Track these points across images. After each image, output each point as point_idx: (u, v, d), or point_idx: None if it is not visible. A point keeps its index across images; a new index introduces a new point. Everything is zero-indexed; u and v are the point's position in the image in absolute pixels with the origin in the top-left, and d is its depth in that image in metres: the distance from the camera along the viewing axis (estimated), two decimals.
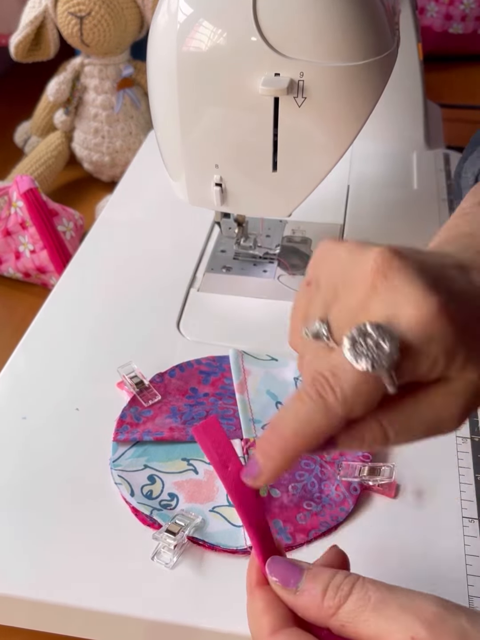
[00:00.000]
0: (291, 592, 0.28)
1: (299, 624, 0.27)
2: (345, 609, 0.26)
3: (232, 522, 0.38)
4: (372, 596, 0.26)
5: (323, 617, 0.27)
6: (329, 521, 0.38)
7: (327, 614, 0.27)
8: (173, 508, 0.38)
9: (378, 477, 0.39)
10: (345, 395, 0.26)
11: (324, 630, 0.27)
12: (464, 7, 1.06)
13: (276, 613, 0.28)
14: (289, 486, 0.40)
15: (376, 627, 0.26)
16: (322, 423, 0.26)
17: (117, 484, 0.39)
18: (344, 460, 0.41)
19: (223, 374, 0.47)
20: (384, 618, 0.26)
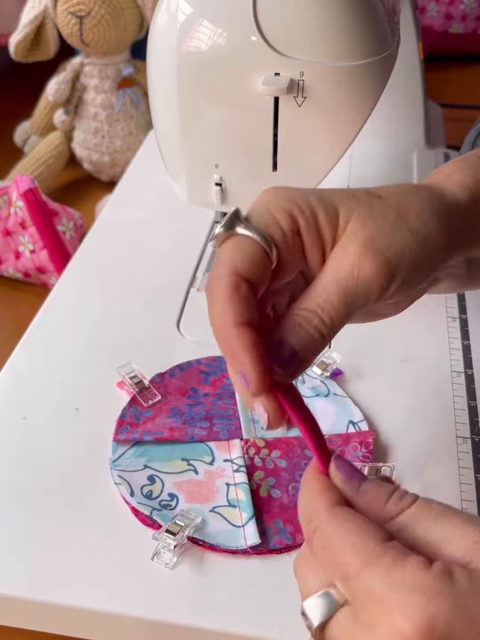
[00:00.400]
0: (354, 487, 0.28)
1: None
2: (407, 513, 0.27)
3: (232, 522, 0.38)
4: (435, 507, 0.27)
5: (382, 518, 0.27)
6: None
7: (387, 516, 0.27)
8: (173, 508, 0.38)
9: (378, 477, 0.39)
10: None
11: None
12: (464, 6, 1.06)
13: (334, 493, 0.28)
14: (289, 486, 0.39)
15: (437, 533, 0.26)
16: None
17: (117, 484, 0.39)
18: None
19: (223, 374, 0.46)
20: (447, 526, 0.26)
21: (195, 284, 0.55)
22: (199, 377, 0.46)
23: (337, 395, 0.45)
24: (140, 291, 0.54)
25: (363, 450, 0.41)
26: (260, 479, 0.40)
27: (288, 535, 0.37)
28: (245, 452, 0.41)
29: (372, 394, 0.45)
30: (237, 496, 0.39)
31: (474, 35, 1.09)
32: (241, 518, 0.38)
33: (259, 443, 0.42)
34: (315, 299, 0.30)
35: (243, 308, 0.30)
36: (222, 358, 0.47)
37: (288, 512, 0.38)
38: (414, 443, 0.42)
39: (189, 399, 0.45)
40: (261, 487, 0.40)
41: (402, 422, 0.43)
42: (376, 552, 0.25)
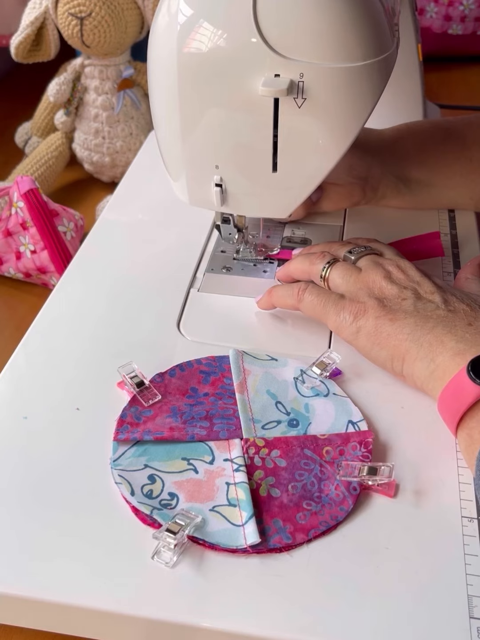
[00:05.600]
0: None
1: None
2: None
3: (232, 522, 0.38)
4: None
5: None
6: (329, 520, 0.38)
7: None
8: (173, 507, 0.39)
9: (377, 477, 0.39)
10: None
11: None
12: (464, 8, 1.06)
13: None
14: (289, 486, 0.40)
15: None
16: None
17: (117, 483, 0.40)
18: (344, 460, 0.41)
19: (223, 373, 0.47)
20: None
21: (195, 284, 0.55)
22: (199, 377, 0.46)
23: (337, 395, 0.45)
24: (141, 291, 0.54)
25: (362, 450, 0.41)
26: (260, 479, 0.40)
27: (287, 534, 0.37)
28: (245, 452, 0.41)
29: (372, 393, 0.45)
30: (237, 495, 0.39)
31: (473, 36, 1.09)
32: (241, 517, 0.38)
33: (259, 442, 0.42)
34: None
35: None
36: (222, 358, 0.48)
37: (288, 512, 0.38)
38: (413, 443, 0.42)
39: (189, 398, 0.45)
40: (261, 486, 0.40)
41: (401, 421, 0.43)
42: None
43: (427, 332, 0.42)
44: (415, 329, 0.42)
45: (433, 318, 0.42)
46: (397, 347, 0.43)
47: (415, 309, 0.43)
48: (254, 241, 0.57)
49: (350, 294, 0.46)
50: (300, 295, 0.48)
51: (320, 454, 0.41)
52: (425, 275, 0.46)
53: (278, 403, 0.45)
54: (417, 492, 0.40)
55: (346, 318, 0.45)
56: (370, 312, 0.44)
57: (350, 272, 0.47)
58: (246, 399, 0.45)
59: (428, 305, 0.44)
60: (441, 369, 0.41)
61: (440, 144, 0.62)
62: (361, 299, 0.45)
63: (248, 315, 0.52)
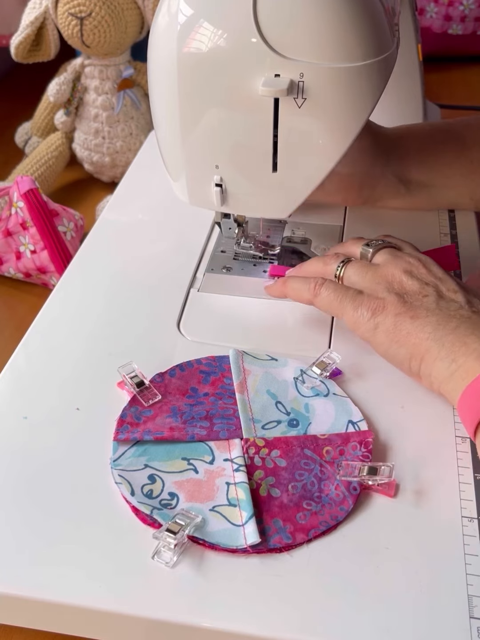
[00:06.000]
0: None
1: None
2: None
3: (232, 522, 0.38)
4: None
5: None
6: (329, 520, 0.38)
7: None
8: (173, 507, 0.39)
9: (377, 477, 0.39)
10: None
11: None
12: (464, 7, 1.06)
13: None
14: (289, 486, 0.40)
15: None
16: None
17: (117, 483, 0.40)
18: (344, 459, 0.41)
19: (223, 373, 0.47)
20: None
21: (195, 284, 0.55)
22: (199, 376, 0.46)
23: (337, 395, 0.45)
24: (141, 291, 0.54)
25: (362, 450, 0.41)
26: (260, 478, 0.40)
27: (287, 534, 0.37)
28: (245, 452, 0.41)
29: (372, 393, 0.45)
30: (237, 495, 0.39)
31: (473, 36, 1.09)
32: (241, 517, 0.38)
33: (259, 442, 0.42)
34: None
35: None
36: (222, 358, 0.48)
37: (288, 511, 0.38)
38: (413, 443, 0.42)
39: (189, 398, 0.45)
40: (261, 486, 0.40)
41: (401, 421, 0.43)
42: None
43: (450, 331, 0.41)
44: (437, 328, 0.41)
45: (456, 318, 0.41)
46: (417, 345, 0.42)
47: (438, 306, 0.42)
48: (254, 236, 0.57)
49: (368, 290, 0.45)
50: (317, 289, 0.46)
51: (320, 453, 0.41)
52: (446, 273, 0.45)
53: (278, 403, 0.45)
54: (417, 492, 0.40)
55: (364, 314, 0.44)
56: (389, 308, 0.43)
57: (367, 268, 0.46)
58: (246, 399, 0.45)
59: (451, 304, 0.42)
60: (463, 369, 0.39)
61: (440, 145, 0.62)
62: (380, 295, 0.44)
63: (248, 315, 0.52)
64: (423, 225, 0.61)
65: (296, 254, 0.59)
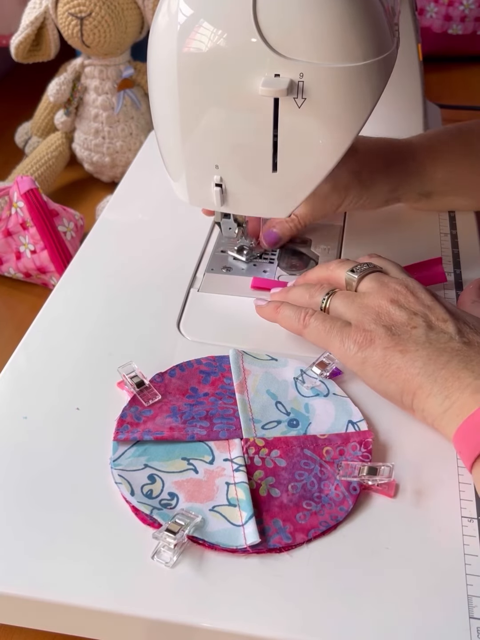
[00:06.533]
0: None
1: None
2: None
3: (231, 522, 0.38)
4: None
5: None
6: (329, 521, 0.38)
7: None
8: (173, 507, 0.39)
9: (377, 477, 0.39)
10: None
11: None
12: (464, 7, 1.06)
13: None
14: (289, 486, 0.40)
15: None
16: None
17: (117, 483, 0.40)
18: (344, 460, 0.41)
19: (223, 373, 0.47)
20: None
21: (195, 284, 0.55)
22: (199, 376, 0.46)
23: (337, 395, 0.45)
24: (141, 291, 0.54)
25: (362, 450, 0.41)
26: (260, 479, 0.40)
27: (287, 534, 0.37)
28: (245, 452, 0.41)
29: (372, 393, 0.45)
30: (237, 495, 0.39)
31: (473, 36, 1.09)
32: (241, 517, 0.38)
33: (259, 442, 0.42)
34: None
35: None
36: (222, 358, 0.48)
37: (287, 512, 0.38)
38: (413, 443, 0.42)
39: (189, 398, 0.45)
40: (261, 486, 0.40)
41: (401, 422, 0.43)
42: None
43: (441, 366, 0.39)
44: (428, 363, 0.40)
45: (447, 351, 0.40)
46: (408, 381, 0.40)
47: (428, 339, 0.41)
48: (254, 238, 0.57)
49: (355, 321, 0.43)
50: (307, 320, 0.45)
51: (320, 454, 0.41)
52: (435, 298, 0.44)
53: (278, 403, 0.45)
54: (417, 492, 0.40)
55: (350, 347, 0.42)
56: (377, 342, 0.41)
57: (352, 298, 0.45)
58: (246, 399, 0.45)
59: (441, 336, 0.41)
60: (457, 405, 0.38)
61: (456, 150, 0.61)
62: (367, 327, 0.42)
63: (248, 315, 0.52)
64: (423, 226, 0.61)
65: (296, 254, 0.59)
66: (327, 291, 0.47)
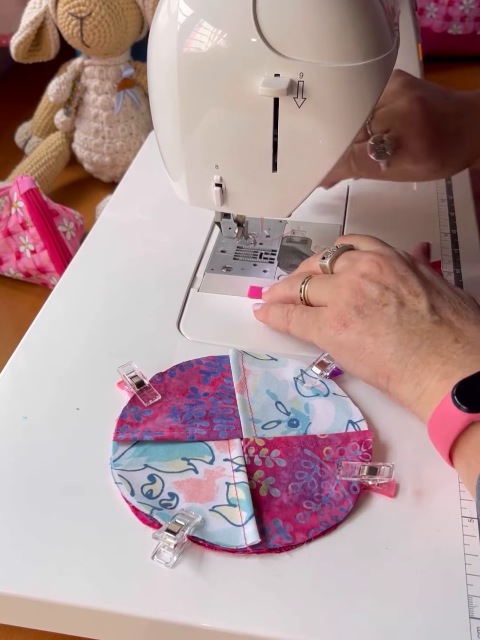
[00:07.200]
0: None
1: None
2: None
3: (232, 522, 0.38)
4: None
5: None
6: (329, 520, 0.38)
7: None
8: (173, 507, 0.39)
9: (377, 477, 0.39)
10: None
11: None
12: (464, 7, 1.06)
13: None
14: (289, 486, 0.40)
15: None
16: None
17: (117, 483, 0.40)
18: (344, 459, 0.41)
19: (223, 373, 0.47)
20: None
21: (195, 284, 0.55)
22: (199, 376, 0.46)
23: (337, 395, 0.45)
24: (141, 291, 0.54)
25: (362, 450, 0.41)
26: (260, 478, 0.40)
27: (287, 534, 0.37)
28: (245, 452, 0.41)
29: (372, 393, 0.45)
30: (237, 495, 0.39)
31: (473, 36, 1.09)
32: (241, 517, 0.38)
33: (259, 442, 0.42)
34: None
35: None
36: (222, 358, 0.48)
37: (288, 512, 0.38)
38: (413, 443, 0.42)
39: (189, 398, 0.45)
40: (261, 486, 0.40)
41: (401, 422, 0.43)
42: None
43: (411, 352, 0.39)
44: (399, 348, 0.40)
45: (417, 334, 0.40)
46: (381, 366, 0.41)
47: (399, 320, 0.41)
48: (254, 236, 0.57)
49: (331, 303, 0.43)
50: (289, 316, 0.46)
51: (320, 453, 0.41)
52: (409, 267, 0.43)
53: (278, 403, 0.45)
54: (417, 492, 0.40)
55: (327, 333, 0.43)
56: (351, 326, 0.42)
57: (326, 281, 0.45)
58: (246, 399, 0.45)
59: (412, 316, 0.41)
60: (428, 393, 0.38)
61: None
62: (341, 308, 0.42)
63: (248, 315, 0.52)
64: (423, 226, 0.61)
65: (296, 254, 0.59)
66: (304, 279, 0.47)
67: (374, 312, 0.42)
